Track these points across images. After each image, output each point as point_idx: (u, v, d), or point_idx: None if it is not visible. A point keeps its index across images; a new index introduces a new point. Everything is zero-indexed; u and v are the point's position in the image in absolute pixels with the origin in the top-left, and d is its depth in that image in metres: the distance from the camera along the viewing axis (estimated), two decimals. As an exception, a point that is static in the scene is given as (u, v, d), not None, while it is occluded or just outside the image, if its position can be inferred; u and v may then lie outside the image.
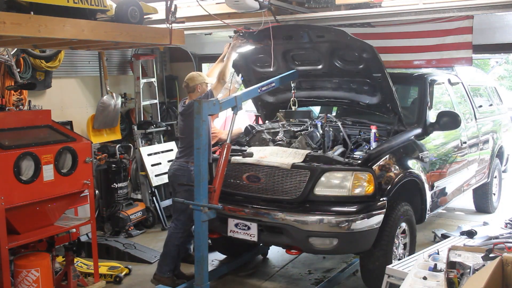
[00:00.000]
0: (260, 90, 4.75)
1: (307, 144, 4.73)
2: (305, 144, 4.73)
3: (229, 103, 4.29)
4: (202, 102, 3.97)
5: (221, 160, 4.16)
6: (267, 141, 4.95)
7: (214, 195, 4.07)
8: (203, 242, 4.02)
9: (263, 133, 5.09)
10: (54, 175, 4.27)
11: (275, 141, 4.93)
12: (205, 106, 3.97)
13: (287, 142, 4.87)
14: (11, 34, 3.37)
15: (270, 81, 4.86)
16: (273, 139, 4.97)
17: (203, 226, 4.00)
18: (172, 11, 4.42)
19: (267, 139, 4.98)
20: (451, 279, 3.14)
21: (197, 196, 3.98)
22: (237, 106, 4.34)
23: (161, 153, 7.24)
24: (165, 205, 7.10)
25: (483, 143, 6.57)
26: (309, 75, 5.34)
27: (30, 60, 6.09)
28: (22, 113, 4.57)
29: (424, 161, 4.95)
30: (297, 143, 4.75)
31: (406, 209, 4.61)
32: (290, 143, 4.83)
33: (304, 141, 4.75)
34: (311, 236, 4.14)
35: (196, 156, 3.99)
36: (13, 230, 4.11)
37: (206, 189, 4.00)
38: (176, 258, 4.90)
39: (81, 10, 3.93)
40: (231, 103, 4.30)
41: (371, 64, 4.70)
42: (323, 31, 4.83)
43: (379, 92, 4.92)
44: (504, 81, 20.83)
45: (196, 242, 4.06)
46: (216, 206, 4.01)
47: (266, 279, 5.15)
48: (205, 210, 3.95)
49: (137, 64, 7.63)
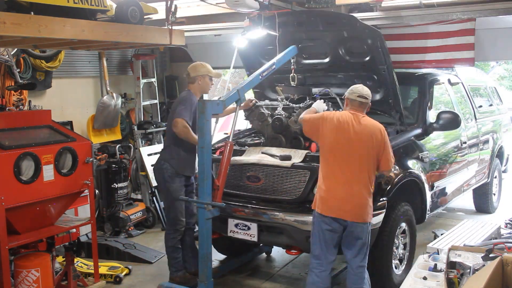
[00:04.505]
0: (262, 76, 4.58)
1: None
2: None
3: (233, 98, 4.26)
4: (205, 102, 3.97)
5: (224, 158, 4.16)
6: (265, 116, 4.88)
7: (218, 193, 4.08)
8: (207, 240, 4.03)
9: (261, 108, 4.98)
10: (54, 175, 4.27)
11: (273, 115, 4.84)
12: (208, 105, 3.96)
13: (286, 116, 4.78)
14: (11, 34, 3.37)
15: (271, 63, 4.70)
16: (272, 114, 4.88)
17: (207, 223, 4.03)
18: (172, 11, 4.42)
19: (266, 114, 4.89)
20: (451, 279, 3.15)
21: (201, 194, 4.01)
22: (241, 99, 4.33)
23: (161, 153, 7.23)
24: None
25: (483, 143, 6.56)
26: (315, 70, 5.32)
27: (30, 60, 6.09)
28: (22, 113, 4.57)
29: (424, 161, 4.95)
30: (296, 117, 4.61)
31: (406, 209, 4.61)
32: (288, 117, 4.76)
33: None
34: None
35: (200, 154, 4.02)
36: (13, 230, 4.11)
37: (210, 187, 4.01)
38: (179, 259, 4.83)
39: (81, 10, 3.93)
40: (235, 97, 4.27)
41: (377, 54, 4.66)
42: (333, 17, 4.81)
43: (382, 87, 4.91)
44: (504, 81, 20.83)
45: (200, 240, 4.07)
46: (220, 204, 4.03)
47: (266, 279, 5.15)
48: (209, 208, 3.98)
49: (137, 64, 7.63)
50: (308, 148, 4.62)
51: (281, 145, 4.70)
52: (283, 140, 4.76)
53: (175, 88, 8.69)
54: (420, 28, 6.25)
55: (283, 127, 4.77)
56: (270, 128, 4.88)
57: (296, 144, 4.70)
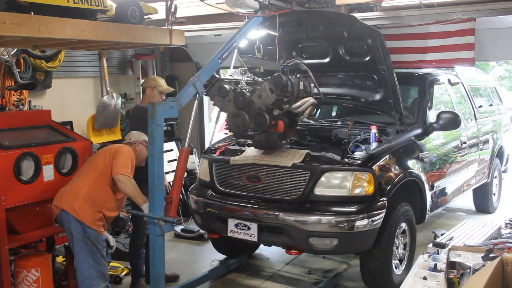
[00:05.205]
0: (221, 58, 4.20)
1: (271, 90, 4.15)
2: (269, 91, 4.16)
3: (189, 94, 3.90)
4: (156, 105, 3.60)
5: (179, 167, 3.79)
6: (227, 91, 4.30)
7: (171, 207, 3.72)
8: (159, 258, 3.69)
9: (222, 82, 4.39)
10: (54, 175, 4.27)
11: (235, 90, 4.29)
12: (159, 109, 3.58)
13: (250, 91, 4.27)
14: (11, 34, 3.37)
15: (230, 40, 4.32)
16: (234, 89, 4.33)
17: (158, 240, 3.66)
18: (172, 11, 4.42)
19: (228, 89, 4.31)
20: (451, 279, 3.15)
21: (151, 208, 3.66)
22: (199, 92, 3.96)
23: (161, 153, 7.23)
24: (165, 205, 7.11)
25: (483, 143, 6.57)
26: (315, 70, 5.31)
27: (30, 60, 6.08)
28: (22, 113, 4.57)
29: (424, 161, 4.95)
30: (261, 90, 4.19)
31: (406, 209, 4.61)
32: (252, 91, 4.27)
33: (268, 87, 4.16)
34: (311, 236, 4.14)
35: (151, 163, 3.62)
36: (13, 230, 4.11)
37: (162, 200, 3.67)
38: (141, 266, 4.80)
39: (81, 10, 3.93)
40: (191, 92, 3.91)
41: (377, 54, 4.66)
42: (333, 16, 4.80)
43: (382, 87, 4.90)
44: (504, 81, 20.86)
45: (151, 258, 3.76)
46: (172, 219, 3.65)
47: (266, 279, 5.15)
48: (160, 223, 3.62)
49: (137, 64, 7.63)
50: (274, 126, 4.26)
51: (244, 123, 4.21)
52: (246, 118, 4.21)
53: (175, 88, 8.68)
54: (420, 28, 6.26)
55: (246, 103, 4.21)
56: (232, 104, 4.31)
57: (260, 121, 4.21)
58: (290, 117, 4.43)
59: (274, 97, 4.15)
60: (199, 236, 6.33)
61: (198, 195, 4.90)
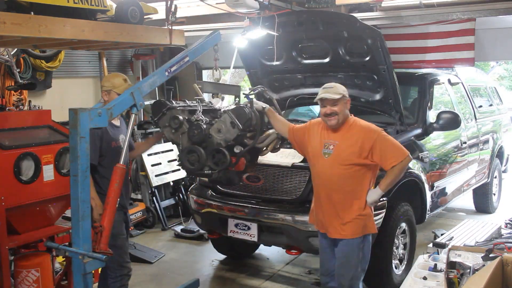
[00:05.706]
0: (169, 71, 3.56)
1: (232, 124, 3.58)
2: (231, 125, 3.58)
3: (124, 104, 3.21)
4: (78, 111, 2.85)
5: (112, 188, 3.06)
6: (180, 121, 3.65)
7: (101, 238, 2.99)
8: None
9: (175, 111, 3.70)
10: (54, 175, 4.26)
11: (191, 120, 3.66)
12: (83, 116, 2.83)
13: (207, 122, 3.63)
14: (11, 34, 3.37)
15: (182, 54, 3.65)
16: (189, 119, 3.68)
17: (85, 279, 2.90)
18: (172, 11, 4.42)
19: (181, 120, 3.65)
20: (451, 279, 3.14)
21: (74, 241, 2.90)
22: (137, 104, 3.27)
23: (161, 153, 7.22)
24: (165, 205, 7.12)
25: (483, 143, 6.57)
26: (315, 70, 5.32)
27: (30, 60, 6.09)
28: (22, 113, 4.56)
29: (424, 161, 4.95)
30: (220, 123, 3.60)
31: (406, 209, 4.61)
32: (210, 124, 3.64)
33: (229, 121, 3.58)
34: (311, 236, 4.13)
35: (73, 186, 2.87)
36: (13, 230, 4.10)
37: (88, 231, 2.92)
38: None
39: (81, 10, 3.92)
40: (127, 102, 3.23)
41: (377, 54, 4.66)
42: (333, 16, 4.80)
43: (382, 87, 4.91)
44: (504, 81, 20.85)
45: None
46: (99, 256, 2.88)
47: (266, 279, 5.15)
48: (86, 260, 2.87)
49: (137, 64, 7.63)
50: (235, 165, 3.66)
51: (200, 160, 3.57)
52: (202, 154, 3.56)
53: (175, 88, 8.69)
54: (420, 28, 6.26)
55: (203, 137, 3.57)
56: (185, 138, 3.67)
57: (219, 159, 3.57)
58: (252, 153, 3.92)
59: (236, 132, 3.57)
60: (199, 236, 6.33)
61: (198, 195, 4.89)
